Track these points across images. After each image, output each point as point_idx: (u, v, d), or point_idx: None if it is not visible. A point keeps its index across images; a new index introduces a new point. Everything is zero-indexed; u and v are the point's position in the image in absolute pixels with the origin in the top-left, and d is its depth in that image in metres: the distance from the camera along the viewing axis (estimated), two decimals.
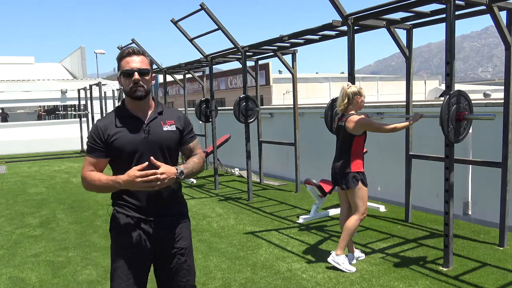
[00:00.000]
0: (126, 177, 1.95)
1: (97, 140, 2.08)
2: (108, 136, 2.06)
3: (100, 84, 13.73)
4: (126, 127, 2.08)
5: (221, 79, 27.96)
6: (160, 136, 2.11)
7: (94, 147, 2.10)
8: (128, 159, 2.06)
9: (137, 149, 2.06)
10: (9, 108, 23.27)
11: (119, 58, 2.09)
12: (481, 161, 4.61)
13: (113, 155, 2.09)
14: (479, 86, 38.17)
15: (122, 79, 2.08)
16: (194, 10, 7.04)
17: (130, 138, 2.07)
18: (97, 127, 2.10)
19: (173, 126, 2.15)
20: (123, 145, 2.06)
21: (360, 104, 3.94)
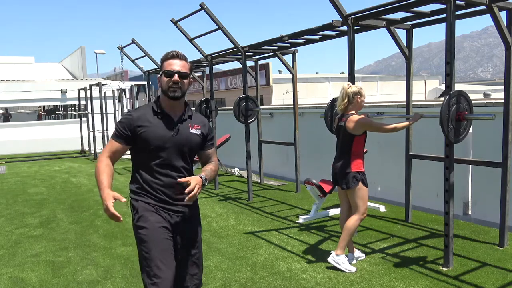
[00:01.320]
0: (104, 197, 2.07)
1: (126, 127, 2.20)
2: (138, 126, 2.19)
3: (100, 84, 13.72)
4: (157, 122, 2.22)
5: (221, 79, 27.97)
6: (187, 137, 2.26)
7: (122, 133, 2.22)
8: (153, 153, 2.19)
9: (163, 145, 2.19)
10: (9, 108, 23.26)
11: (163, 59, 2.26)
12: (481, 161, 4.61)
13: (139, 146, 2.21)
14: (479, 86, 38.19)
15: (163, 78, 2.23)
16: (194, 10, 7.04)
17: (159, 133, 2.20)
18: (130, 115, 2.24)
19: (199, 130, 2.32)
20: (150, 138, 2.18)
21: (360, 104, 3.94)
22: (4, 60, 24.01)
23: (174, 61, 2.23)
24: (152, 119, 2.23)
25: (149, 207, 2.22)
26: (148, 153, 2.19)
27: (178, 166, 2.24)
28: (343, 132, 3.90)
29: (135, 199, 2.26)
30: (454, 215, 4.11)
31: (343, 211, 4.14)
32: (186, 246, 2.29)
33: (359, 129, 3.81)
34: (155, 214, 2.21)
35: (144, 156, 2.21)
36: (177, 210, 2.26)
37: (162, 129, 2.21)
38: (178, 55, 2.25)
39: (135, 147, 2.24)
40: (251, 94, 7.24)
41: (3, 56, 25.25)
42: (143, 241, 2.18)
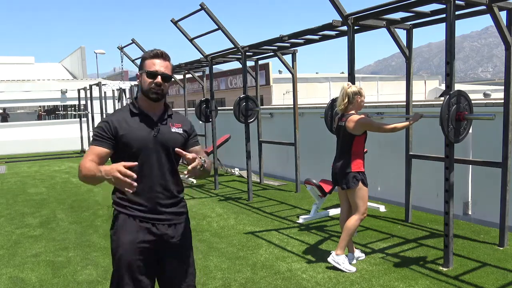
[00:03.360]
0: (109, 168, 1.89)
1: (106, 131, 2.08)
2: (118, 130, 2.08)
3: (100, 84, 13.73)
4: (136, 123, 2.12)
5: (221, 79, 27.96)
6: (168, 137, 2.16)
7: (102, 137, 2.08)
8: (134, 155, 2.07)
9: (145, 147, 2.10)
10: (9, 108, 23.26)
11: (145, 57, 2.15)
12: (481, 161, 4.62)
13: (119, 150, 2.10)
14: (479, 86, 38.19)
15: (144, 78, 2.12)
16: (194, 10, 7.04)
17: (139, 135, 2.10)
18: (108, 120, 2.13)
19: (180, 129, 2.22)
20: (132, 141, 2.08)
21: (360, 104, 3.94)
22: (4, 60, 24.02)
23: (157, 60, 2.11)
24: (131, 121, 2.12)
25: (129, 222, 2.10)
26: (130, 157, 2.04)
27: (163, 168, 2.14)
28: (343, 132, 3.90)
29: (118, 211, 2.15)
30: (454, 215, 4.12)
31: (343, 211, 4.14)
32: (176, 254, 2.19)
33: (359, 129, 3.81)
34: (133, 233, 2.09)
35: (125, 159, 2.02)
36: (164, 219, 2.14)
37: (142, 130, 2.11)
38: (162, 55, 2.14)
39: (115, 153, 2.11)
40: (251, 94, 7.25)
41: (3, 56, 25.26)
42: (114, 259, 2.14)
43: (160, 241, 2.14)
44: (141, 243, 2.10)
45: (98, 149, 2.07)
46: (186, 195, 7.59)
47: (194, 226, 5.42)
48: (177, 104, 30.96)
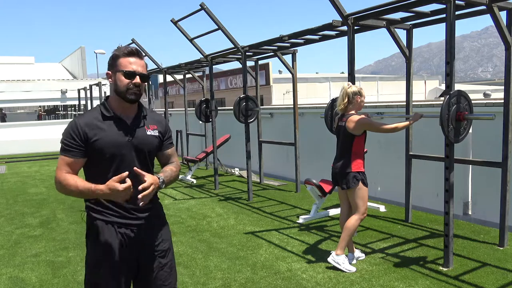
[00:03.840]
0: (106, 189, 1.84)
1: (76, 138, 1.93)
2: (88, 135, 1.93)
3: (100, 84, 13.74)
4: (110, 127, 1.97)
5: (221, 79, 27.96)
6: (143, 140, 2.04)
7: (72, 146, 1.94)
8: (109, 162, 1.96)
9: (119, 152, 1.96)
10: (9, 108, 23.27)
11: (118, 55, 2.00)
12: (481, 161, 4.62)
13: (91, 156, 1.96)
14: (479, 86, 38.17)
15: (120, 77, 1.98)
16: (194, 10, 7.04)
17: (113, 140, 1.96)
18: (76, 124, 1.95)
19: (155, 130, 2.10)
20: (105, 146, 1.94)
21: (360, 104, 3.94)
22: (4, 60, 24.03)
23: (132, 59, 1.98)
24: (103, 124, 1.96)
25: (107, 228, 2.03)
26: (103, 163, 1.95)
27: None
28: (343, 132, 3.90)
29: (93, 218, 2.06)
30: (454, 215, 4.12)
31: (343, 211, 4.14)
32: (155, 257, 2.11)
33: (359, 129, 3.81)
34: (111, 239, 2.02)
35: (99, 167, 1.96)
36: (141, 224, 2.06)
37: (116, 135, 1.97)
38: (138, 53, 2.01)
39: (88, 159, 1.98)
40: (251, 94, 7.25)
41: (3, 56, 25.27)
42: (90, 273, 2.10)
43: (139, 246, 2.07)
44: (120, 248, 2.03)
45: (69, 160, 1.94)
46: (186, 195, 7.60)
47: (194, 226, 5.43)
48: (177, 104, 30.96)
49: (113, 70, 2.02)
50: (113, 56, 2.02)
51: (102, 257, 2.04)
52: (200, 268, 4.04)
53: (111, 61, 2.02)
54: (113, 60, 2.02)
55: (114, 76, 2.00)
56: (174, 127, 11.01)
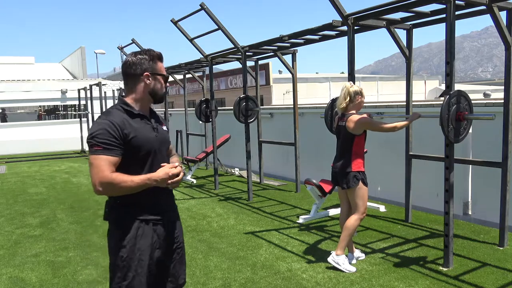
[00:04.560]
0: (163, 175, 1.96)
1: (116, 137, 1.93)
2: (126, 133, 1.96)
3: (100, 84, 13.73)
4: (140, 125, 2.05)
5: (221, 79, 27.96)
6: (164, 135, 2.18)
7: (113, 144, 1.93)
8: (144, 157, 2.03)
9: (152, 148, 2.06)
10: (9, 108, 23.26)
11: (157, 57, 2.10)
12: (481, 161, 4.62)
13: (128, 153, 1.99)
14: (479, 86, 38.15)
15: (161, 81, 2.11)
16: (194, 10, 7.04)
17: (147, 136, 2.05)
18: (112, 123, 1.95)
19: (165, 127, 2.25)
20: (142, 143, 2.01)
21: (360, 104, 3.94)
22: (4, 60, 24.02)
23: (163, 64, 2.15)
24: (133, 122, 2.02)
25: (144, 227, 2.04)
26: (138, 160, 2.00)
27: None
28: (344, 132, 3.91)
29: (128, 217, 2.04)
30: (454, 215, 4.12)
31: (343, 211, 4.14)
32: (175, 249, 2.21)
33: (359, 129, 3.81)
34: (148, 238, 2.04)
35: (134, 163, 1.99)
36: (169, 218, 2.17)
37: (147, 132, 2.06)
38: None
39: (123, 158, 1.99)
40: (251, 94, 7.25)
41: (3, 56, 25.27)
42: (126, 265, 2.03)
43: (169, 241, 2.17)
44: (155, 245, 2.09)
45: (113, 160, 1.92)
46: (186, 195, 7.60)
47: (194, 226, 5.43)
48: (177, 104, 30.96)
49: (152, 72, 2.09)
50: (150, 58, 2.08)
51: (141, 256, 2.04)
52: (200, 268, 4.04)
53: (149, 63, 2.08)
54: (151, 62, 2.08)
55: (154, 79, 2.09)
56: (174, 127, 11.02)
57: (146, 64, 2.07)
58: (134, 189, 1.95)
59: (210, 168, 10.25)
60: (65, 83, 18.70)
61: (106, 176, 1.89)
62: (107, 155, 1.91)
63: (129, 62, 2.07)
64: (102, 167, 1.89)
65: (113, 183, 1.90)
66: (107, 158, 1.91)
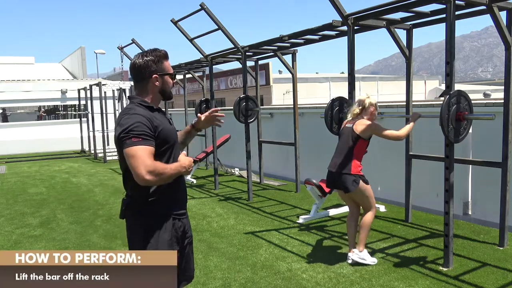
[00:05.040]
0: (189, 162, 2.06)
1: (150, 129, 2.00)
2: (155, 125, 2.04)
3: (100, 84, 13.72)
4: (161, 118, 2.13)
5: (221, 79, 27.96)
6: (175, 129, 2.26)
7: (149, 135, 1.98)
8: (168, 148, 2.11)
9: (175, 139, 2.18)
10: (9, 108, 23.27)
11: (163, 57, 2.15)
12: (481, 161, 4.62)
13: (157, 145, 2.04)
14: (479, 86, 38.16)
15: (169, 80, 2.18)
16: (194, 10, 7.04)
17: (170, 129, 2.16)
18: (142, 116, 2.02)
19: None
20: (168, 135, 2.11)
21: (372, 114, 4.01)
22: (4, 60, 24.02)
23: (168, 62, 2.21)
24: (157, 116, 2.10)
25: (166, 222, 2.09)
26: (166, 150, 2.08)
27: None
28: (349, 134, 3.96)
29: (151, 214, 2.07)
30: (454, 215, 4.12)
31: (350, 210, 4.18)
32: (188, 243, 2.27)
33: (366, 132, 3.89)
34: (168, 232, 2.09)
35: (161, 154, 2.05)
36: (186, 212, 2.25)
37: (169, 125, 2.17)
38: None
39: None
40: (251, 94, 7.24)
41: (3, 56, 25.26)
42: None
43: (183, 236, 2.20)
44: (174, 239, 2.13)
45: (152, 149, 1.98)
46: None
47: (194, 226, 5.42)
48: (177, 104, 30.95)
49: (160, 73, 2.14)
50: (157, 58, 2.13)
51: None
52: (200, 268, 4.04)
53: (157, 64, 2.12)
54: (158, 63, 2.13)
55: (162, 78, 2.15)
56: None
57: (154, 66, 2.12)
58: (172, 177, 2.02)
59: (210, 168, 10.25)
60: (65, 83, 18.70)
61: (151, 165, 1.91)
62: (146, 145, 1.95)
63: (137, 65, 2.13)
64: (145, 156, 1.92)
65: (158, 170, 1.92)
66: (146, 148, 1.95)
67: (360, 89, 26.24)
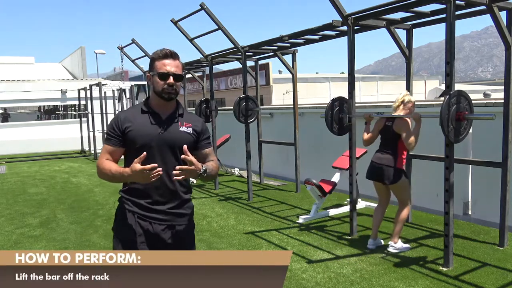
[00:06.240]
0: (129, 170, 1.98)
1: (115, 129, 2.15)
2: (125, 126, 2.14)
3: (100, 84, 13.73)
4: (144, 120, 2.16)
5: (221, 79, 27.97)
6: (175, 135, 2.15)
7: (112, 135, 2.16)
8: (139, 151, 2.05)
9: (149, 143, 2.11)
10: (9, 108, 23.27)
11: (154, 58, 2.15)
12: (481, 161, 4.62)
13: (127, 145, 2.16)
14: (479, 86, 38.17)
15: (156, 79, 2.13)
16: (194, 10, 7.04)
17: (144, 132, 2.13)
18: (118, 117, 2.19)
19: (190, 128, 2.19)
20: (136, 137, 2.13)
21: (410, 110, 4.28)
22: (4, 60, 24.02)
23: (167, 61, 2.12)
24: (140, 117, 2.16)
25: (129, 216, 2.16)
26: (135, 153, 2.03)
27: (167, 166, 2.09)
28: (391, 132, 4.22)
29: (120, 207, 2.22)
30: (454, 215, 4.12)
31: (381, 201, 4.49)
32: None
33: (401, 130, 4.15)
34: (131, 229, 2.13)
35: (133, 156, 2.03)
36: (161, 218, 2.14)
37: (149, 127, 2.13)
38: (172, 54, 2.14)
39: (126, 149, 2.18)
40: (251, 94, 7.24)
41: (3, 56, 25.26)
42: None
43: (155, 242, 2.13)
44: (139, 239, 2.13)
45: (109, 148, 2.17)
46: None
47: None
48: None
49: (151, 73, 2.17)
50: (151, 59, 2.19)
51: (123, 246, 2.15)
52: None
53: (150, 63, 2.19)
54: (151, 62, 2.18)
55: (152, 78, 2.16)
56: None
57: (150, 66, 2.19)
58: (112, 178, 2.09)
59: None
60: (65, 83, 18.70)
61: (98, 161, 2.16)
62: (106, 144, 2.19)
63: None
64: (101, 153, 2.19)
65: (99, 167, 2.13)
66: (105, 146, 2.19)
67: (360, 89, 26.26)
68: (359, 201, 5.94)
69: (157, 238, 2.14)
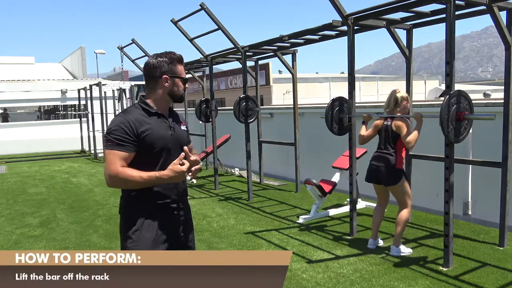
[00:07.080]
0: (171, 173, 1.97)
1: (129, 133, 2.04)
2: (139, 130, 2.06)
3: (100, 84, 13.72)
4: (156, 123, 2.14)
5: (221, 79, 27.97)
6: (181, 134, 2.23)
7: (126, 140, 2.03)
8: (157, 154, 2.10)
9: (166, 146, 2.13)
10: (9, 108, 23.27)
11: (176, 60, 2.17)
12: (481, 161, 4.62)
13: (142, 150, 2.08)
14: (479, 86, 38.18)
15: (179, 83, 2.18)
16: (194, 10, 7.04)
17: (161, 134, 2.12)
18: (127, 120, 2.06)
19: (184, 126, 2.30)
20: (155, 140, 2.09)
21: (405, 108, 4.24)
22: (4, 60, 24.02)
23: (182, 67, 2.24)
24: (150, 120, 2.12)
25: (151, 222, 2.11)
26: (153, 156, 2.08)
27: None
28: (390, 132, 4.18)
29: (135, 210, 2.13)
30: (454, 215, 4.12)
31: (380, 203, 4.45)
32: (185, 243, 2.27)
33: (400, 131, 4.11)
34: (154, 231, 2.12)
35: (147, 160, 2.07)
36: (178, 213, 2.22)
37: (162, 129, 2.14)
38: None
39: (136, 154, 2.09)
40: (251, 94, 7.24)
41: (3, 56, 25.27)
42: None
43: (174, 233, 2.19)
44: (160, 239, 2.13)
45: (123, 154, 2.03)
46: None
47: (194, 226, 5.42)
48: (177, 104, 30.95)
49: (171, 75, 2.17)
50: (170, 61, 2.17)
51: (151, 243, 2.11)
52: None
53: (169, 66, 2.16)
54: (170, 65, 2.17)
55: (173, 81, 2.17)
56: None
57: (166, 67, 2.16)
58: (142, 184, 2.02)
59: (210, 168, 10.25)
60: (65, 83, 18.70)
61: (113, 169, 2.00)
62: (118, 150, 2.03)
63: (150, 64, 2.17)
64: (112, 160, 2.01)
65: (119, 175, 2.00)
66: (117, 153, 2.02)
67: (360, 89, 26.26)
68: (359, 201, 5.94)
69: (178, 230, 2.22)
